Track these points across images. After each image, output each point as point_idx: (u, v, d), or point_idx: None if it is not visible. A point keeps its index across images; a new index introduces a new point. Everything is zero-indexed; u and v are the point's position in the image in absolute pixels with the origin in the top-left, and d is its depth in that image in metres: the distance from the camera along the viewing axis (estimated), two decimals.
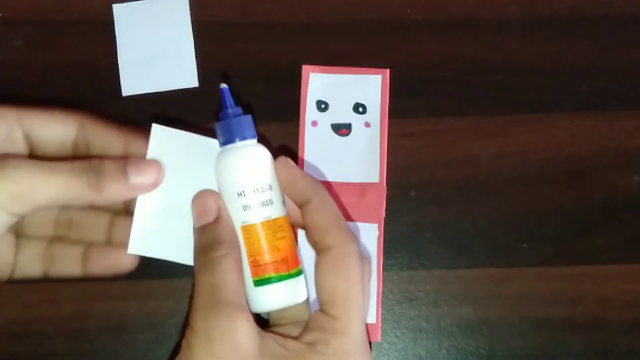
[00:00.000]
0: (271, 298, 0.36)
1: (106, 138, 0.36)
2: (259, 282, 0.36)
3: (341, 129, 0.43)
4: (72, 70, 0.43)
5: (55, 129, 0.35)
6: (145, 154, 0.36)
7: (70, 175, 0.33)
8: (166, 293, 0.42)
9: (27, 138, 0.35)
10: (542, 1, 0.45)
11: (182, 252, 0.36)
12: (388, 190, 0.43)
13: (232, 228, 0.36)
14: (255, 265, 0.36)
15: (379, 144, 0.43)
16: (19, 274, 0.37)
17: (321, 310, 0.36)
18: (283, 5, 0.44)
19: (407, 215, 0.43)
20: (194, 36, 0.44)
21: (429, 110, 0.44)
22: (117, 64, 0.43)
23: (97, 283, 0.42)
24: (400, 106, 0.44)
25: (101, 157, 0.35)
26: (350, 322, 0.35)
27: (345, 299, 0.35)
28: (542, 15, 0.45)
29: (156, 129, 0.36)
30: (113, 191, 0.34)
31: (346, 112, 0.43)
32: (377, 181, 0.43)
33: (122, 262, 0.37)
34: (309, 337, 0.35)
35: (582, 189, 0.43)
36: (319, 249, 0.36)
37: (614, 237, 0.43)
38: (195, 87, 0.43)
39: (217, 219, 0.36)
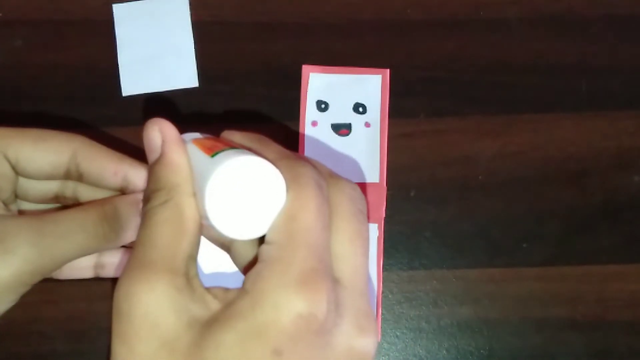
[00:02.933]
0: (231, 168, 0.27)
1: (101, 169, 0.33)
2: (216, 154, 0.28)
3: (341, 129, 0.43)
4: (72, 70, 0.43)
5: (46, 158, 0.32)
6: (143, 181, 0.33)
7: (88, 235, 0.31)
8: None
9: (15, 166, 0.32)
10: (542, 1, 0.45)
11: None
12: (388, 190, 0.43)
13: (180, 166, 0.29)
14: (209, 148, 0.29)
15: (379, 144, 0.43)
16: None
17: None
18: (283, 5, 0.44)
19: (407, 215, 0.43)
20: (194, 36, 0.44)
21: (429, 110, 0.44)
22: (117, 64, 0.43)
23: (97, 283, 0.42)
24: (400, 106, 0.44)
25: (112, 201, 0.32)
26: (291, 246, 0.26)
27: (290, 220, 0.26)
28: (542, 15, 0.45)
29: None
30: (129, 238, 0.32)
31: (346, 112, 0.43)
32: (377, 181, 0.43)
33: None
34: (247, 276, 0.27)
35: (582, 189, 0.43)
36: None
37: (614, 237, 0.43)
38: (195, 87, 0.43)
39: (159, 158, 0.30)
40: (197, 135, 0.32)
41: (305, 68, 0.44)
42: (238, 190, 0.27)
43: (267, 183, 0.27)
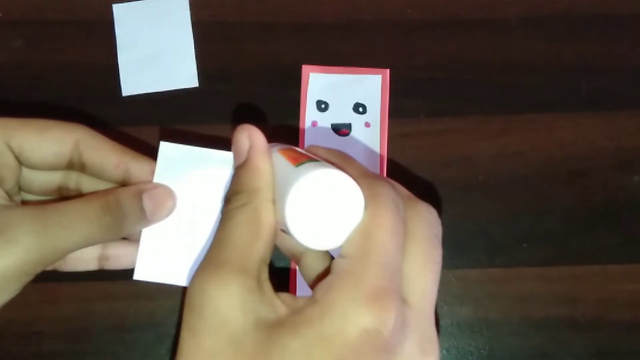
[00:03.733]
0: (314, 179, 0.27)
1: (104, 159, 0.33)
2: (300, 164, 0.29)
3: (341, 129, 0.43)
4: (72, 70, 0.43)
5: (49, 147, 0.32)
6: (147, 175, 0.34)
7: (91, 225, 0.31)
8: (166, 293, 0.42)
9: (19, 156, 0.32)
10: (542, 1, 0.45)
11: (190, 275, 0.35)
12: None
13: (263, 172, 0.30)
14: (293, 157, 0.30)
15: (379, 144, 0.43)
16: None
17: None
18: (283, 5, 0.44)
19: None
20: (194, 36, 0.44)
21: (429, 110, 0.44)
22: (117, 64, 0.43)
23: (97, 283, 0.42)
24: (400, 106, 0.44)
25: (114, 192, 0.33)
26: (365, 262, 0.26)
27: (366, 236, 0.27)
28: (542, 15, 0.45)
29: (164, 147, 0.34)
30: (132, 229, 0.33)
31: (346, 112, 0.43)
32: None
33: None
34: (317, 287, 0.27)
35: (582, 189, 0.43)
36: None
37: (614, 237, 0.43)
38: (195, 87, 0.43)
39: (244, 162, 0.30)
40: (283, 145, 0.32)
41: (305, 68, 0.44)
42: (318, 201, 0.27)
43: (346, 197, 0.28)
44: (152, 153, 0.35)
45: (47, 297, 0.42)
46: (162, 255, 0.35)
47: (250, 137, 0.31)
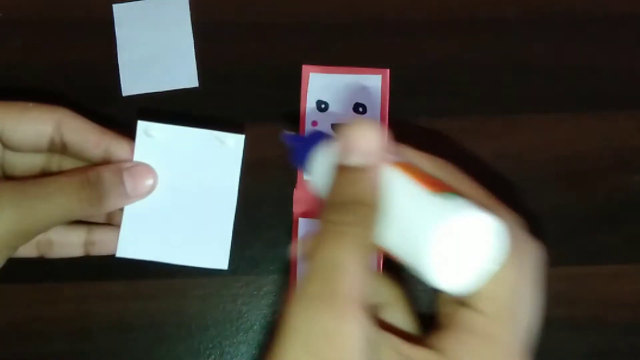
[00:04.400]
0: (466, 220, 0.24)
1: (84, 138, 0.33)
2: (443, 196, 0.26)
3: None
4: (72, 70, 0.43)
5: (30, 127, 0.32)
6: (127, 154, 0.34)
7: (70, 196, 0.31)
8: (166, 293, 0.42)
9: (1, 137, 0.33)
10: (541, 1, 0.45)
11: (171, 252, 0.35)
12: None
13: (381, 189, 0.26)
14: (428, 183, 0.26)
15: None
16: (16, 255, 0.36)
17: (457, 302, 0.26)
18: (283, 5, 0.44)
19: None
20: (194, 36, 0.44)
21: (429, 110, 0.44)
22: (117, 64, 0.43)
23: (97, 283, 0.42)
24: (400, 106, 0.44)
25: (95, 168, 0.33)
26: (510, 328, 0.25)
27: (512, 295, 0.25)
28: (542, 15, 0.45)
29: (142, 125, 0.35)
30: (112, 204, 0.33)
31: (346, 112, 0.43)
32: None
33: None
34: (441, 339, 0.25)
35: (582, 189, 0.43)
36: None
37: (614, 237, 0.43)
38: (195, 87, 0.43)
39: (363, 168, 0.26)
40: (394, 155, 0.29)
41: (305, 68, 0.44)
42: (463, 243, 0.25)
43: (490, 243, 0.25)
44: (132, 137, 0.35)
45: (47, 297, 0.42)
46: (145, 233, 0.34)
47: (380, 141, 0.27)
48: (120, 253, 0.35)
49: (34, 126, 0.32)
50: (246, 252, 0.42)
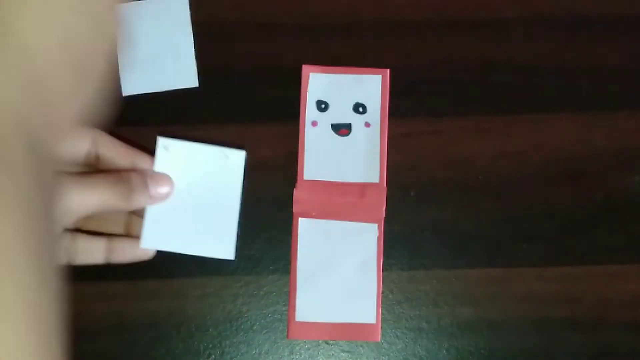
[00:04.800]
0: None
1: (115, 153, 0.40)
2: None
3: (341, 129, 0.43)
4: None
5: (73, 142, 0.39)
6: (149, 164, 0.40)
7: (106, 189, 0.37)
8: (166, 293, 0.42)
9: None
10: (542, 1, 0.45)
11: (186, 244, 0.40)
12: (388, 190, 0.43)
13: None
14: None
15: (379, 144, 0.43)
16: None
17: None
18: (283, 5, 0.44)
19: (407, 215, 0.43)
20: (194, 36, 0.44)
21: (429, 110, 0.44)
22: (117, 64, 0.43)
23: (97, 283, 0.42)
24: (401, 106, 0.44)
25: (126, 171, 0.39)
26: None
27: None
28: (542, 15, 0.45)
29: (162, 141, 0.40)
30: (138, 201, 0.39)
31: (346, 112, 0.43)
32: (377, 181, 0.43)
33: (145, 253, 0.40)
34: None
35: (582, 189, 0.43)
36: None
37: (614, 237, 0.43)
38: (195, 87, 0.43)
39: None
40: None
41: (305, 68, 0.44)
42: None
43: None
44: (151, 153, 0.40)
45: None
46: (164, 228, 0.40)
47: None
48: (144, 244, 0.40)
49: (75, 140, 0.39)
50: (246, 252, 0.43)
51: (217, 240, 0.41)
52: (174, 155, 0.40)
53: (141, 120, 0.42)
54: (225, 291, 0.42)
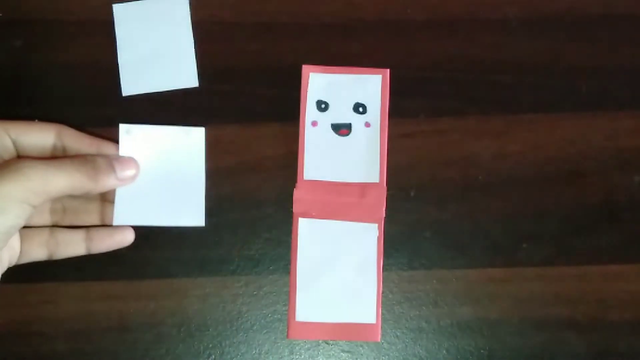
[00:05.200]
0: None
1: (80, 143, 0.41)
2: None
3: (341, 129, 0.43)
4: (72, 70, 0.43)
5: (37, 136, 0.40)
6: (114, 150, 0.41)
7: (73, 169, 0.38)
8: (166, 293, 0.42)
9: (15, 145, 0.40)
10: (542, 1, 0.45)
11: (157, 216, 0.42)
12: (388, 190, 0.43)
13: None
14: None
15: (379, 144, 0.43)
16: (25, 258, 0.40)
17: None
18: (283, 5, 0.44)
19: (407, 215, 0.43)
20: (194, 36, 0.44)
21: (429, 110, 0.44)
22: (117, 64, 0.43)
23: (97, 283, 0.42)
24: (400, 106, 0.44)
25: (92, 155, 0.40)
26: None
27: None
28: (542, 15, 0.45)
29: (124, 127, 0.41)
30: (106, 182, 0.39)
31: (346, 112, 0.43)
32: (377, 181, 0.43)
33: (124, 239, 0.41)
34: None
35: (582, 189, 0.43)
36: None
37: (614, 237, 0.43)
38: (195, 87, 0.43)
39: None
40: None
41: (305, 68, 0.44)
42: None
43: None
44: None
45: (47, 297, 0.42)
46: (134, 205, 0.41)
47: None
48: (117, 222, 0.41)
49: (40, 134, 0.40)
50: (246, 252, 0.43)
51: (187, 209, 0.42)
52: (136, 138, 0.41)
53: (141, 120, 0.42)
54: (225, 291, 0.42)
